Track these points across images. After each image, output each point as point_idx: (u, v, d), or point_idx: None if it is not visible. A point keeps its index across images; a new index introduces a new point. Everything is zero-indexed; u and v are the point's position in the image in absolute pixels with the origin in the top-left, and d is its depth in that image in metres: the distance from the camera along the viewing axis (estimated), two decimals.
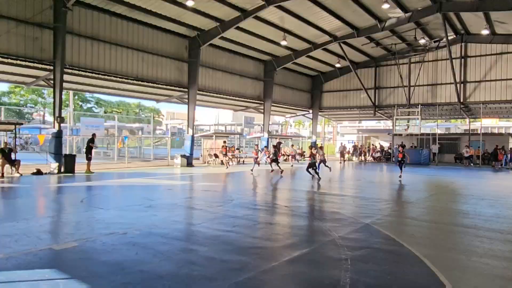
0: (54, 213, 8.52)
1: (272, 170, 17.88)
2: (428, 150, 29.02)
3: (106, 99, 59.44)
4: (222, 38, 21.78)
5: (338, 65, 30.15)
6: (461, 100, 27.95)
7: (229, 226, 7.32)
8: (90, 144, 17.20)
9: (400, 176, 16.01)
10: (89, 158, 16.84)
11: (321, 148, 17.05)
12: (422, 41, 26.01)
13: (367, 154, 34.07)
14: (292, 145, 30.81)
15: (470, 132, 32.65)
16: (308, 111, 35.66)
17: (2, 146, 15.71)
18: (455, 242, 6.73)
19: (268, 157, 18.89)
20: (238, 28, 21.16)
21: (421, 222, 8.23)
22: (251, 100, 28.58)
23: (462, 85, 28.01)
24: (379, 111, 32.56)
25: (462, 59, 27.92)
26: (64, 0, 15.67)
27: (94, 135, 17.92)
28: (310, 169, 15.77)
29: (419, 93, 29.89)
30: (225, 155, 22.64)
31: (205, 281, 4.51)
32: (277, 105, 31.15)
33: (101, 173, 16.99)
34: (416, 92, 29.90)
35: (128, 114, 61.15)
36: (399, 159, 16.90)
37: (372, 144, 36.35)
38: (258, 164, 19.63)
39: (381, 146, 34.54)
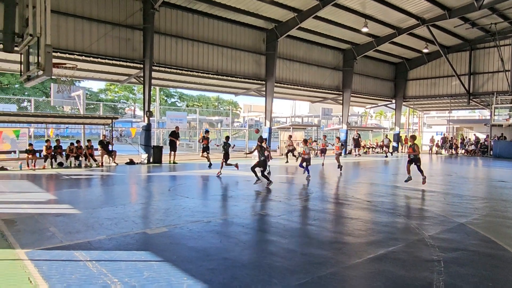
0: (145, 200, 9.26)
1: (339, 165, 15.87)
2: None
3: (188, 94, 63.01)
4: (300, 28, 21.47)
5: (425, 50, 27.79)
6: None
7: (309, 219, 7.23)
8: (170, 138, 18.39)
9: None
10: (173, 150, 18.04)
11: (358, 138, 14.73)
12: None
13: (459, 147, 31.09)
14: (387, 136, 29.38)
15: None
16: (390, 101, 33.64)
17: (101, 138, 17.57)
18: None
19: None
20: (316, 17, 20.66)
21: None
22: (329, 91, 27.88)
23: None
24: (474, 99, 29.36)
25: None
26: (152, 2, 16.86)
27: (177, 128, 19.04)
28: (303, 164, 13.28)
29: None
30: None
31: (286, 273, 4.50)
32: (357, 95, 29.90)
33: (184, 164, 18.08)
34: None
35: (208, 108, 64.05)
36: None
37: (466, 136, 33.06)
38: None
39: (477, 138, 31.20)
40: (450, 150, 31.04)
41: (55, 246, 5.31)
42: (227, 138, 14.41)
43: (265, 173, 11.24)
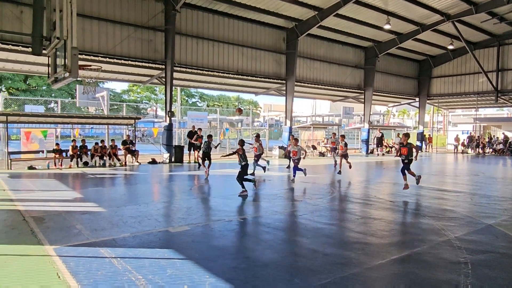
0: (168, 198, 9.40)
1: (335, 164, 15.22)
2: None
3: (209, 94, 63.54)
4: (320, 27, 21.28)
5: (450, 47, 27.00)
6: None
7: (330, 219, 7.16)
8: (189, 140, 18.51)
9: None
10: (194, 148, 18.17)
11: (296, 140, 12.55)
12: None
13: (486, 146, 30.08)
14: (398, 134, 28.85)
15: None
16: (414, 99, 32.90)
17: (125, 138, 17.95)
18: None
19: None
20: (337, 15, 20.43)
21: None
22: (350, 90, 27.52)
23: None
24: (502, 97, 28.32)
25: None
26: (173, 3, 17.09)
27: (193, 127, 19.11)
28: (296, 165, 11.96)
29: None
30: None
31: (309, 273, 4.47)
32: (379, 93, 29.38)
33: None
34: None
35: (228, 107, 64.40)
36: None
37: (493, 135, 31.95)
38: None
39: (505, 137, 30.10)
40: (477, 149, 30.08)
41: (82, 243, 5.46)
42: (209, 137, 13.11)
43: (248, 177, 9.91)
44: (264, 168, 13.60)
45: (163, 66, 18.27)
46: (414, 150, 9.80)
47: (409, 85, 31.45)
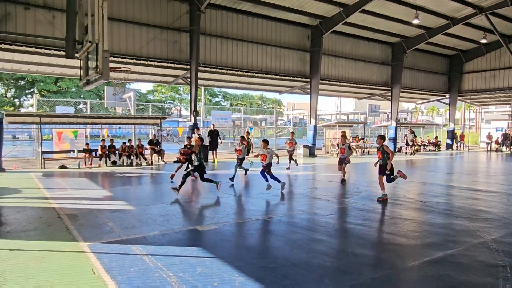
0: (194, 197, 9.50)
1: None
2: None
3: (232, 93, 63.92)
4: (346, 23, 20.94)
5: (483, 41, 25.92)
6: None
7: (359, 219, 7.03)
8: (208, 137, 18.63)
9: None
10: (212, 148, 18.44)
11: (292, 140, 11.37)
12: None
13: None
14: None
15: None
16: (444, 95, 31.87)
17: (151, 138, 18.30)
18: None
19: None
20: (363, 11, 20.04)
21: None
22: (376, 87, 26.96)
23: None
24: None
25: None
26: (198, 4, 17.26)
27: (213, 125, 19.15)
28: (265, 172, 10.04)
29: None
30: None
31: (338, 274, 4.41)
32: (407, 90, 28.63)
33: (229, 163, 18.30)
34: None
35: (251, 106, 64.56)
36: None
37: None
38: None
39: None
40: None
41: (114, 240, 5.60)
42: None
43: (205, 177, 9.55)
44: (246, 170, 12.94)
45: (188, 66, 18.50)
46: (388, 153, 8.70)
47: (438, 81, 30.49)
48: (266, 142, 10.16)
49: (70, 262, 4.75)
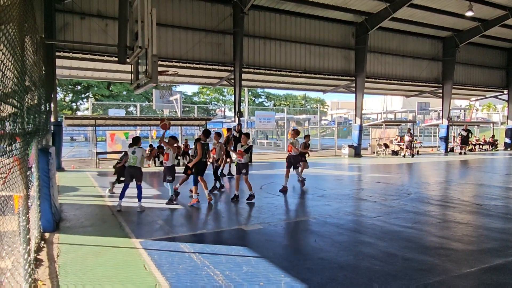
0: (239, 197, 9.60)
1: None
2: None
3: (275, 93, 63.96)
4: (392, 19, 20.18)
5: None
6: None
7: (409, 222, 6.76)
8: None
9: None
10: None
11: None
12: None
13: None
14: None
15: None
16: (501, 91, 29.70)
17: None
18: None
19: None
20: (411, 5, 19.17)
21: None
22: (426, 84, 25.74)
23: None
24: None
25: None
26: (241, 6, 17.47)
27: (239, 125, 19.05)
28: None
29: None
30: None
31: (388, 278, 4.26)
32: (460, 87, 27.03)
33: (273, 163, 18.36)
34: None
35: (294, 106, 64.19)
36: None
37: None
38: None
39: None
40: None
41: (163, 237, 5.83)
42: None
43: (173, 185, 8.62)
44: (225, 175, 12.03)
45: (232, 68, 18.79)
46: (298, 147, 9.20)
47: (495, 76, 28.49)
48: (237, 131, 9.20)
49: (124, 257, 5.00)
